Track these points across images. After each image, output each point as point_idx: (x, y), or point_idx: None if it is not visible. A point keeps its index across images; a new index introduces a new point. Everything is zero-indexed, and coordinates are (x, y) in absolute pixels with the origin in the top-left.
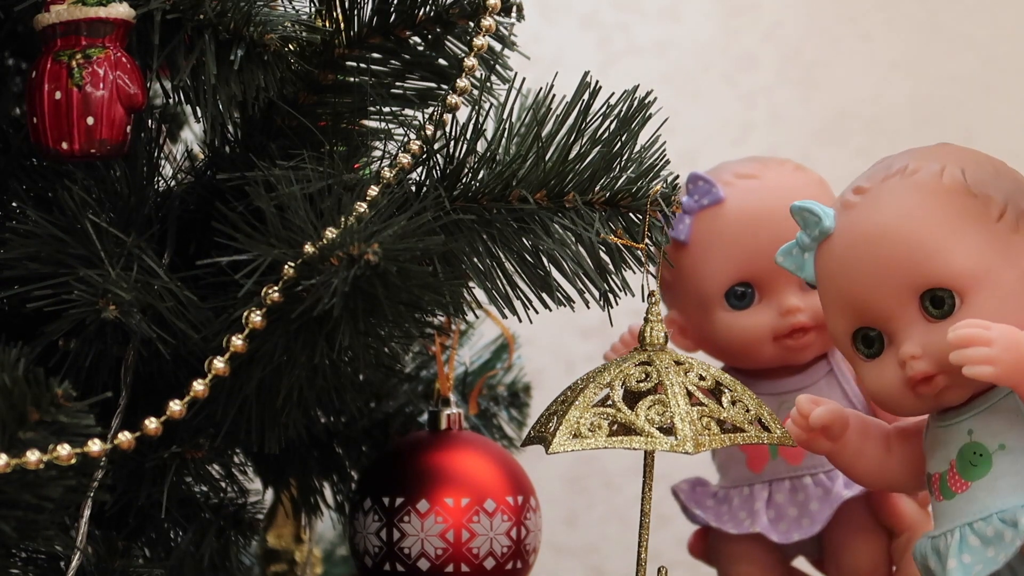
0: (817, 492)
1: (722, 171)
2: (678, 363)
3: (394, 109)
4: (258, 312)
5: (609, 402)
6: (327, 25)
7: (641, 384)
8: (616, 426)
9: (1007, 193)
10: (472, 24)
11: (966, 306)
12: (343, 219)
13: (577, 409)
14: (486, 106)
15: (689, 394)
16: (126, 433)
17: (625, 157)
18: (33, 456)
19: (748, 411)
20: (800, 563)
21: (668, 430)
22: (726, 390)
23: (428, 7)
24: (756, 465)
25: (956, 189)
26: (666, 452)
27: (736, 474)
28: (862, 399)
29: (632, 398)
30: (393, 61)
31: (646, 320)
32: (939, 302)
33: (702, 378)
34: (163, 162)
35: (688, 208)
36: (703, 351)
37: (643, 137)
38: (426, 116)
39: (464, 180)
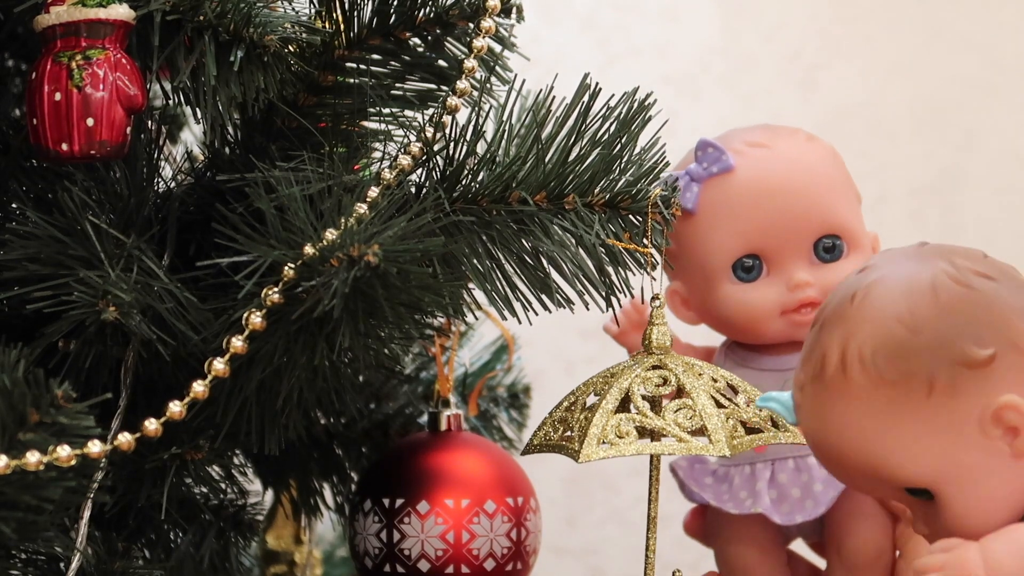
0: (822, 473)
1: (732, 139)
2: (690, 366)
3: (394, 110)
4: (258, 313)
5: (632, 407)
6: (327, 26)
7: (660, 388)
8: (642, 431)
9: (928, 355)
10: (472, 25)
11: (947, 503)
12: (343, 220)
13: (601, 416)
14: (486, 108)
15: (711, 397)
16: (126, 434)
17: (625, 159)
18: (33, 457)
19: (761, 410)
20: (796, 545)
21: (697, 433)
22: (740, 391)
23: (428, 8)
24: None
25: (872, 383)
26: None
27: None
28: None
29: (650, 403)
30: (393, 62)
31: (651, 323)
32: None
33: (715, 380)
34: (163, 163)
35: (696, 175)
36: (706, 324)
37: (643, 139)
38: (426, 118)
39: (464, 182)
